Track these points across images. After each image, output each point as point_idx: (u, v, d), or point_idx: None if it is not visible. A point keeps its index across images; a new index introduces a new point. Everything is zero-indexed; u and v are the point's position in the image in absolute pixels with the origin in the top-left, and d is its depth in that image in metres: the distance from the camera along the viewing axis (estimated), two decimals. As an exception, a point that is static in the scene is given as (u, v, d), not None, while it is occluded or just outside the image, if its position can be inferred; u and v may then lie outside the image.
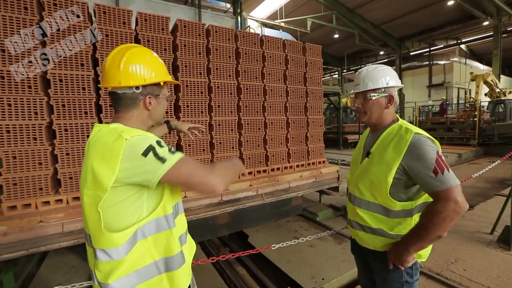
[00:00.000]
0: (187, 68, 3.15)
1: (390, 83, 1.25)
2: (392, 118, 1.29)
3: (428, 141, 1.13)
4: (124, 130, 0.91)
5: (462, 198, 1.05)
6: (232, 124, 3.51)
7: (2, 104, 2.29)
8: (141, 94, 0.98)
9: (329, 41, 18.03)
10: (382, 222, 1.23)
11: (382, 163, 1.19)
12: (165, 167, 0.86)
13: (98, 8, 2.63)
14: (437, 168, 1.07)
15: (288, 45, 3.94)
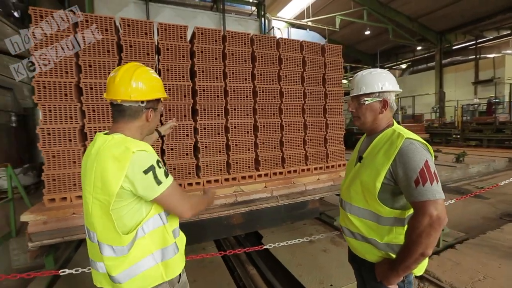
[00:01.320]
0: (204, 73, 3.29)
1: (384, 88, 1.22)
2: (387, 123, 1.26)
3: (419, 148, 1.09)
4: (128, 141, 1.03)
5: (438, 212, 1.00)
6: (248, 127, 3.58)
7: (44, 110, 2.63)
8: (145, 108, 1.11)
9: (360, 38, 17.27)
10: (372, 229, 1.19)
11: (372, 168, 1.17)
12: (159, 190, 1.02)
13: (123, 22, 2.88)
14: (419, 178, 1.03)
15: (305, 46, 3.90)
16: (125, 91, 1.05)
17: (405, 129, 1.20)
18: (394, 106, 1.25)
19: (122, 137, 1.06)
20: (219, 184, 3.42)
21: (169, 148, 3.17)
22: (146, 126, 1.16)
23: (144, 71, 1.13)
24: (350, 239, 1.30)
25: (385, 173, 1.12)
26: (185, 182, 3.23)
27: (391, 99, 1.24)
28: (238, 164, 3.55)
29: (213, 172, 3.41)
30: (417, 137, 1.14)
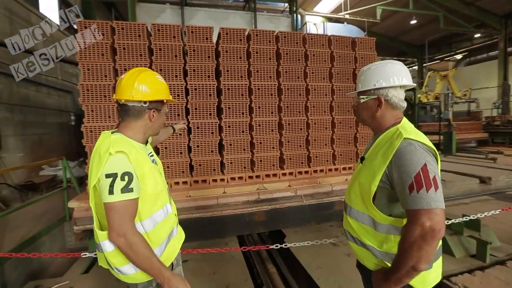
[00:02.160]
0: (228, 73, 3.36)
1: (378, 85, 1.12)
2: (393, 121, 1.14)
3: (419, 149, 0.98)
4: (115, 143, 1.07)
5: (432, 223, 0.89)
6: (272, 125, 3.56)
7: (87, 110, 2.95)
8: (147, 108, 1.17)
9: (405, 29, 15.84)
10: (370, 235, 1.11)
11: (370, 169, 1.09)
12: (107, 198, 1.01)
13: (154, 27, 3.09)
14: (413, 184, 0.93)
15: (334, 41, 3.74)
16: (129, 92, 1.13)
17: (410, 127, 1.09)
18: (397, 103, 1.13)
19: (116, 137, 1.10)
20: (243, 182, 3.47)
21: (195, 145, 3.31)
22: (149, 126, 1.21)
23: (149, 75, 1.19)
24: (351, 243, 1.23)
25: (381, 176, 1.03)
26: (210, 178, 3.35)
27: (390, 96, 1.12)
28: (262, 162, 3.56)
29: (237, 169, 3.47)
30: (421, 137, 1.03)
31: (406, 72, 1.15)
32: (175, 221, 1.32)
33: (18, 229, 3.53)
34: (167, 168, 3.23)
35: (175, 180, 3.25)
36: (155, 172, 1.19)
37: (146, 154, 1.20)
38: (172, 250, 1.26)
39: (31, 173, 5.83)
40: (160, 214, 1.19)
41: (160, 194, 1.20)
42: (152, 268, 1.06)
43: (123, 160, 1.05)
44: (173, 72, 3.17)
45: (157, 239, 1.15)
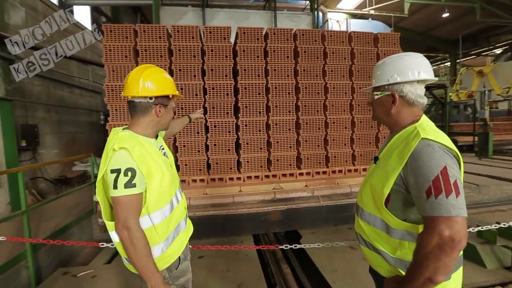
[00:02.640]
0: (245, 72, 3.37)
1: (392, 80, 1.04)
2: (411, 119, 1.06)
3: (438, 151, 0.89)
4: (121, 140, 1.10)
5: (451, 233, 0.81)
6: (289, 124, 3.52)
7: (112, 110, 3.11)
8: (153, 104, 1.19)
9: (436, 23, 14.86)
10: (383, 240, 1.04)
11: (383, 171, 1.02)
12: (113, 193, 1.06)
13: (174, 29, 3.18)
14: (431, 188, 0.85)
15: (355, 37, 3.61)
16: (135, 88, 1.15)
17: (430, 126, 0.99)
18: (414, 99, 1.04)
19: (124, 134, 1.14)
20: (259, 181, 3.47)
21: (213, 144, 3.37)
22: (157, 122, 1.23)
23: (154, 71, 1.21)
24: (363, 247, 1.17)
25: (395, 178, 0.96)
26: (226, 176, 3.39)
27: (406, 91, 1.04)
28: (279, 161, 3.53)
29: (254, 168, 3.48)
30: (441, 137, 0.93)
31: (425, 65, 1.05)
32: (183, 214, 1.33)
33: (52, 220, 3.83)
34: (185, 166, 3.32)
35: (192, 177, 3.33)
36: (163, 166, 1.20)
37: (156, 148, 1.22)
38: (180, 243, 1.27)
39: (64, 169, 6.28)
40: (167, 208, 1.21)
41: (167, 188, 1.22)
42: (146, 268, 1.07)
43: (126, 156, 1.08)
44: (192, 72, 3.24)
45: (164, 232, 1.18)
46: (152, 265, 1.08)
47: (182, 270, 1.28)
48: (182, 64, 3.21)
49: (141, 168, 1.09)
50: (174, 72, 3.20)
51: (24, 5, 5.40)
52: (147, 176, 1.11)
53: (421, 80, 1.04)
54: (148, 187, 1.13)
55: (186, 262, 1.32)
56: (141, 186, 1.10)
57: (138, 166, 1.09)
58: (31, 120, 5.45)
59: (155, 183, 1.14)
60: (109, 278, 2.58)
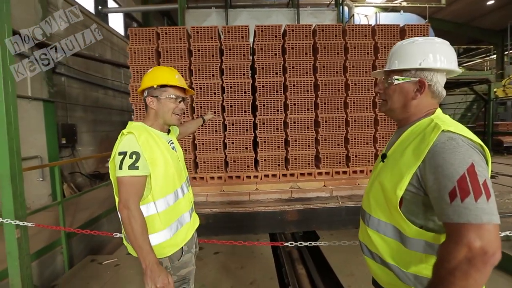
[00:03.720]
0: (263, 70, 3.36)
1: (424, 64, 0.89)
2: (426, 111, 0.93)
3: (463, 146, 0.76)
4: (131, 127, 1.21)
5: (483, 244, 0.67)
6: (308, 122, 3.45)
7: (136, 109, 3.29)
8: (146, 96, 1.29)
9: (479, 12, 13.53)
10: (395, 251, 0.91)
11: (395, 170, 0.89)
12: (118, 173, 1.14)
13: (193, 30, 3.27)
14: (456, 189, 0.72)
15: (379, 31, 3.42)
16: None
17: (449, 119, 0.87)
18: (439, 91, 0.92)
19: (135, 124, 1.25)
20: (276, 179, 3.45)
21: (230, 142, 3.41)
22: (155, 113, 1.29)
23: (153, 69, 1.32)
24: (367, 259, 1.03)
25: (410, 178, 0.83)
26: (243, 174, 3.41)
27: (435, 81, 0.91)
28: (297, 160, 3.47)
29: (271, 167, 3.46)
30: (464, 130, 0.80)
31: (455, 55, 0.94)
32: (187, 207, 1.37)
33: (86, 211, 4.16)
34: (203, 164, 3.40)
35: (210, 175, 3.40)
36: (168, 157, 1.26)
37: (163, 140, 1.30)
38: (184, 235, 1.31)
39: (98, 165, 6.78)
40: (171, 197, 1.26)
41: (172, 177, 1.27)
42: (141, 248, 1.10)
43: (132, 140, 1.16)
44: (210, 71, 3.31)
45: (167, 219, 1.23)
46: (146, 245, 1.11)
47: (184, 261, 1.31)
48: (201, 64, 3.29)
49: (145, 153, 1.16)
50: (194, 72, 3.30)
51: (65, 15, 5.91)
52: (151, 162, 1.18)
53: (448, 71, 0.93)
54: (152, 174, 1.18)
55: (189, 254, 1.35)
56: (144, 170, 1.15)
57: (143, 151, 1.16)
58: (70, 119, 5.97)
59: (160, 170, 1.20)
60: (130, 266, 2.73)
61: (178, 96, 1.30)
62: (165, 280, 1.10)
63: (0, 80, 1.90)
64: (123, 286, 2.39)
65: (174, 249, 1.25)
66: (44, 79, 5.06)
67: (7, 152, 1.95)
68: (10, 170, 1.97)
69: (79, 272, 2.75)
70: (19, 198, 2.04)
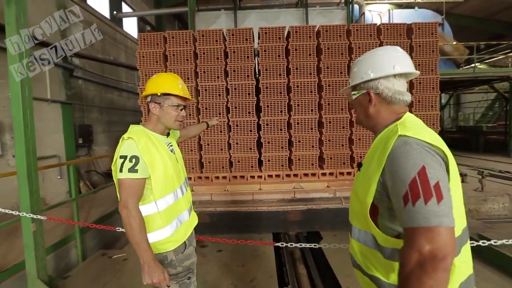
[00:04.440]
0: (267, 71, 3.41)
1: (366, 76, 0.95)
2: (394, 117, 0.95)
3: (416, 148, 0.77)
4: (131, 132, 1.28)
5: (432, 247, 0.67)
6: (312, 123, 3.46)
7: (144, 110, 3.43)
8: (149, 102, 1.36)
9: (502, 5, 12.86)
10: (375, 260, 0.89)
11: (365, 177, 0.91)
12: (118, 175, 1.21)
13: (199, 33, 3.37)
14: (408, 193, 0.73)
15: (384, 30, 3.38)
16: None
17: (412, 123, 0.88)
18: (391, 96, 0.93)
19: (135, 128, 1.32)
20: (280, 179, 3.48)
21: (235, 142, 3.48)
22: (157, 119, 1.35)
23: (158, 75, 1.38)
24: (356, 271, 1.02)
25: (376, 185, 0.84)
26: (247, 174, 3.48)
27: (381, 88, 0.94)
28: (301, 160, 3.49)
29: (275, 167, 3.50)
30: (422, 133, 0.80)
31: (401, 58, 0.96)
32: (186, 206, 1.45)
33: (101, 207, 4.36)
34: (209, 163, 3.49)
35: (215, 174, 3.49)
36: (167, 159, 1.32)
37: (163, 143, 1.36)
38: (184, 231, 1.39)
39: (113, 163, 7.06)
40: (171, 196, 1.33)
41: (171, 178, 1.34)
42: (139, 245, 1.18)
43: (132, 145, 1.23)
44: (215, 73, 3.39)
45: (167, 218, 1.31)
46: (144, 242, 1.19)
47: (188, 254, 1.40)
48: (206, 67, 3.38)
49: (144, 157, 1.23)
50: (199, 74, 3.39)
51: (82, 21, 6.20)
52: (150, 165, 1.24)
53: (399, 75, 0.94)
54: (152, 175, 1.26)
55: (191, 247, 1.44)
56: (143, 173, 1.22)
57: (142, 155, 1.22)
58: (87, 120, 6.26)
59: (159, 172, 1.27)
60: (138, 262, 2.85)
61: (180, 104, 1.36)
62: (161, 276, 1.20)
63: (18, 85, 2.06)
64: (129, 279, 2.52)
65: (176, 244, 1.34)
66: (62, 83, 5.35)
67: (24, 152, 2.11)
68: (27, 169, 2.13)
69: (90, 265, 2.91)
70: (35, 194, 2.20)
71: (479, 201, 4.48)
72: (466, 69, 10.26)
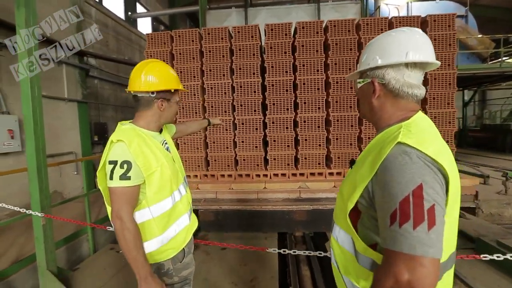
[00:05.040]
0: (273, 69, 3.36)
1: (373, 63, 0.82)
2: (402, 115, 0.82)
3: (417, 162, 0.67)
4: (121, 133, 1.12)
5: (413, 278, 0.61)
6: (319, 121, 3.37)
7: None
8: (155, 98, 1.20)
9: (535, -6, 11.94)
10: (349, 263, 0.84)
11: (352, 179, 0.83)
12: (109, 183, 1.09)
13: (205, 31, 3.37)
14: (397, 212, 0.65)
15: (396, 23, 3.22)
16: (137, 83, 1.17)
17: (419, 128, 0.75)
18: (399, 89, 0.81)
19: (125, 128, 1.17)
20: (286, 178, 3.43)
21: (240, 140, 3.46)
22: (160, 116, 1.23)
23: (156, 65, 1.22)
24: (333, 267, 0.96)
25: (362, 190, 0.76)
26: (253, 173, 3.45)
27: (389, 78, 0.81)
28: (307, 160, 3.42)
29: (280, 166, 3.45)
30: (427, 144, 0.69)
31: (417, 43, 0.80)
32: (186, 209, 1.31)
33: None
34: (214, 162, 3.50)
35: (221, 172, 3.49)
36: (163, 160, 1.19)
37: (157, 142, 1.22)
38: (183, 238, 1.26)
39: (127, 160, 7.28)
40: (168, 201, 1.20)
41: (168, 181, 1.20)
42: (135, 260, 1.07)
43: (123, 149, 1.09)
44: (221, 71, 3.39)
45: (163, 225, 1.18)
46: (141, 257, 1.08)
47: (186, 263, 1.29)
48: (212, 65, 3.38)
49: (137, 161, 1.09)
50: (205, 73, 3.40)
51: (98, 22, 6.41)
52: (145, 169, 1.11)
53: (413, 64, 0.80)
54: (147, 180, 1.13)
55: (190, 255, 1.33)
56: (137, 179, 1.10)
57: (135, 159, 1.09)
58: (102, 118, 6.48)
59: (155, 175, 1.15)
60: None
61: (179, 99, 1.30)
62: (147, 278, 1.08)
63: (27, 85, 2.15)
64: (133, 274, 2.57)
65: (175, 251, 1.23)
66: (79, 82, 5.56)
67: (34, 149, 2.21)
68: (37, 165, 2.23)
69: (99, 259, 3.01)
70: (44, 190, 2.30)
71: (502, 205, 4.19)
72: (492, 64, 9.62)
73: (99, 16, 6.42)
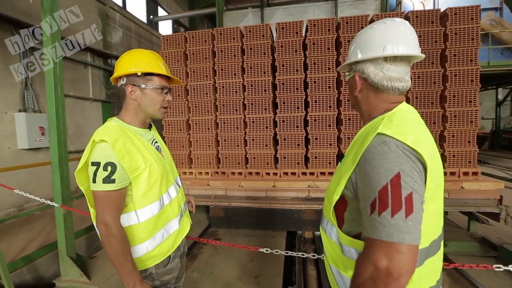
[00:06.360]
0: (283, 67, 3.36)
1: (354, 57, 0.85)
2: (385, 108, 0.83)
3: (395, 151, 0.68)
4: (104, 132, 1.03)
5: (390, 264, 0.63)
6: (329, 120, 3.32)
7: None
8: (125, 85, 1.10)
9: None
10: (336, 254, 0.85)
11: (338, 172, 0.86)
12: (92, 187, 1.02)
13: (217, 32, 3.45)
14: (376, 200, 0.67)
15: (413, 18, 3.08)
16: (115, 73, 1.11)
17: (400, 119, 0.76)
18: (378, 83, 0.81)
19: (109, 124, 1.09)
20: (295, 177, 3.42)
21: (251, 139, 3.50)
22: (136, 106, 1.11)
23: (131, 52, 1.13)
24: (325, 258, 0.98)
25: (346, 182, 0.78)
26: (263, 171, 3.47)
27: (368, 73, 0.82)
28: (318, 159, 3.38)
29: (290, 165, 3.44)
30: (405, 133, 0.70)
31: (397, 36, 0.79)
32: (175, 213, 1.22)
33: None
34: (225, 159, 3.57)
35: (231, 170, 3.55)
36: (151, 161, 1.11)
37: (145, 141, 1.14)
38: (171, 244, 1.19)
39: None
40: (156, 205, 1.12)
41: (157, 183, 1.12)
42: (122, 267, 1.01)
43: (106, 149, 1.00)
44: (232, 70, 3.44)
45: (150, 230, 1.10)
46: (128, 263, 1.02)
47: (170, 268, 1.21)
48: (223, 64, 3.45)
49: (122, 162, 1.01)
50: (217, 72, 3.48)
51: (122, 26, 6.77)
52: (130, 171, 1.03)
53: (393, 58, 0.79)
54: (133, 182, 1.06)
55: (176, 260, 1.25)
56: (122, 182, 1.02)
57: (120, 160, 1.00)
58: (124, 117, 6.83)
59: (142, 177, 1.07)
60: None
61: (164, 87, 1.13)
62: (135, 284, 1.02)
63: (51, 85, 2.34)
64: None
65: (160, 258, 1.15)
66: (103, 83, 5.91)
67: (57, 144, 2.40)
68: (59, 159, 2.42)
69: (115, 249, 3.19)
70: (65, 181, 2.49)
71: (534, 212, 3.86)
72: (530, 60, 8.84)
73: (122, 21, 6.78)
